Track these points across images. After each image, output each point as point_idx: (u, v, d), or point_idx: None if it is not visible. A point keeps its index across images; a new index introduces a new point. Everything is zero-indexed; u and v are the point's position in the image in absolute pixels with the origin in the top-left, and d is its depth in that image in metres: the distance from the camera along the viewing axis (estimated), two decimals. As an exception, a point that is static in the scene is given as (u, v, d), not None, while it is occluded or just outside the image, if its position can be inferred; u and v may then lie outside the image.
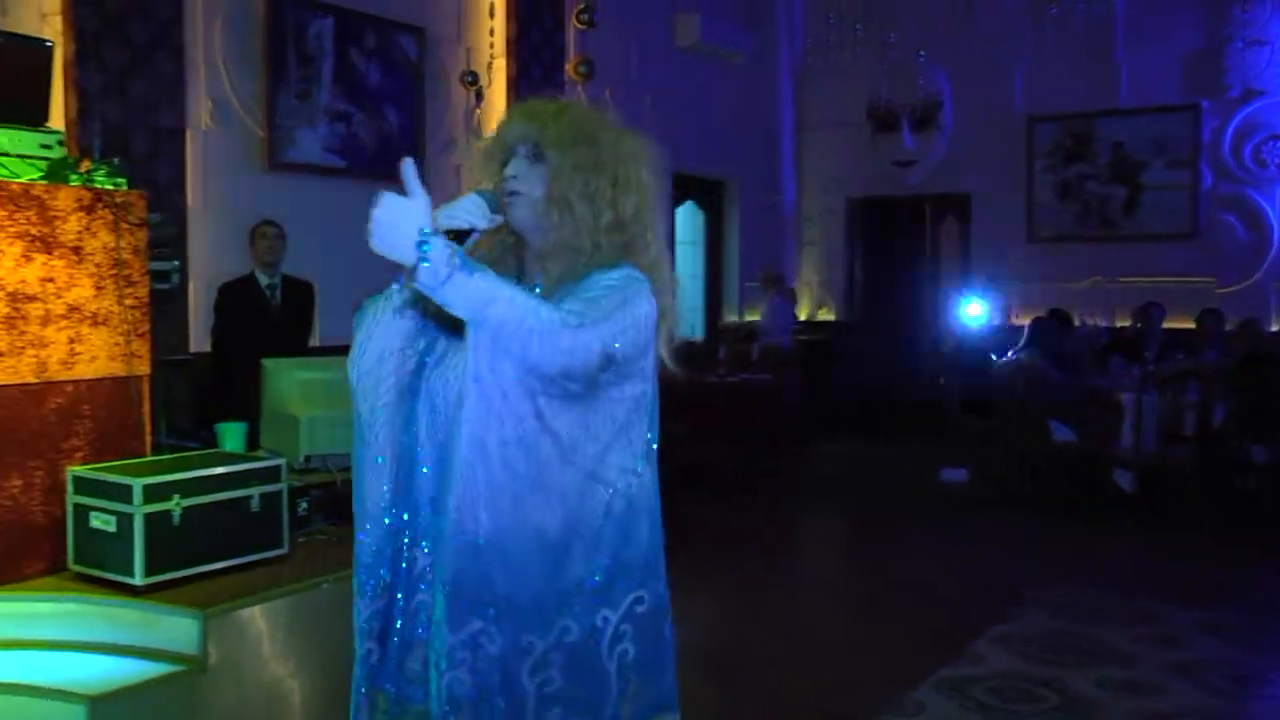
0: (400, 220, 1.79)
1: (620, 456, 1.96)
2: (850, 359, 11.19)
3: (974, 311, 10.80)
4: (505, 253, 2.07)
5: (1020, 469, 7.96)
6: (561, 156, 1.96)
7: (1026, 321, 9.78)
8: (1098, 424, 7.75)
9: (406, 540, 2.07)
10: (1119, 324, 10.53)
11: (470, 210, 1.98)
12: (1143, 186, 10.86)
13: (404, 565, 2.08)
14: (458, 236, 1.96)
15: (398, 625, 2.08)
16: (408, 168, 1.84)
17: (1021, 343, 8.34)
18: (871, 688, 4.38)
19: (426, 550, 2.05)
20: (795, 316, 11.15)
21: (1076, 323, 9.96)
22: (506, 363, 1.83)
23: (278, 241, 6.30)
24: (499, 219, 2.01)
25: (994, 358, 8.62)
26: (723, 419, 8.13)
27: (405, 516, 2.07)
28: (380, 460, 2.06)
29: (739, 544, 6.57)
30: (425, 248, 1.76)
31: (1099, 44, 10.77)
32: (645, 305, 1.94)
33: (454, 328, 2.00)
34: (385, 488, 2.06)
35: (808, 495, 8.27)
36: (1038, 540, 6.82)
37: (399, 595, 2.08)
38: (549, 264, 1.99)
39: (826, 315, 12.73)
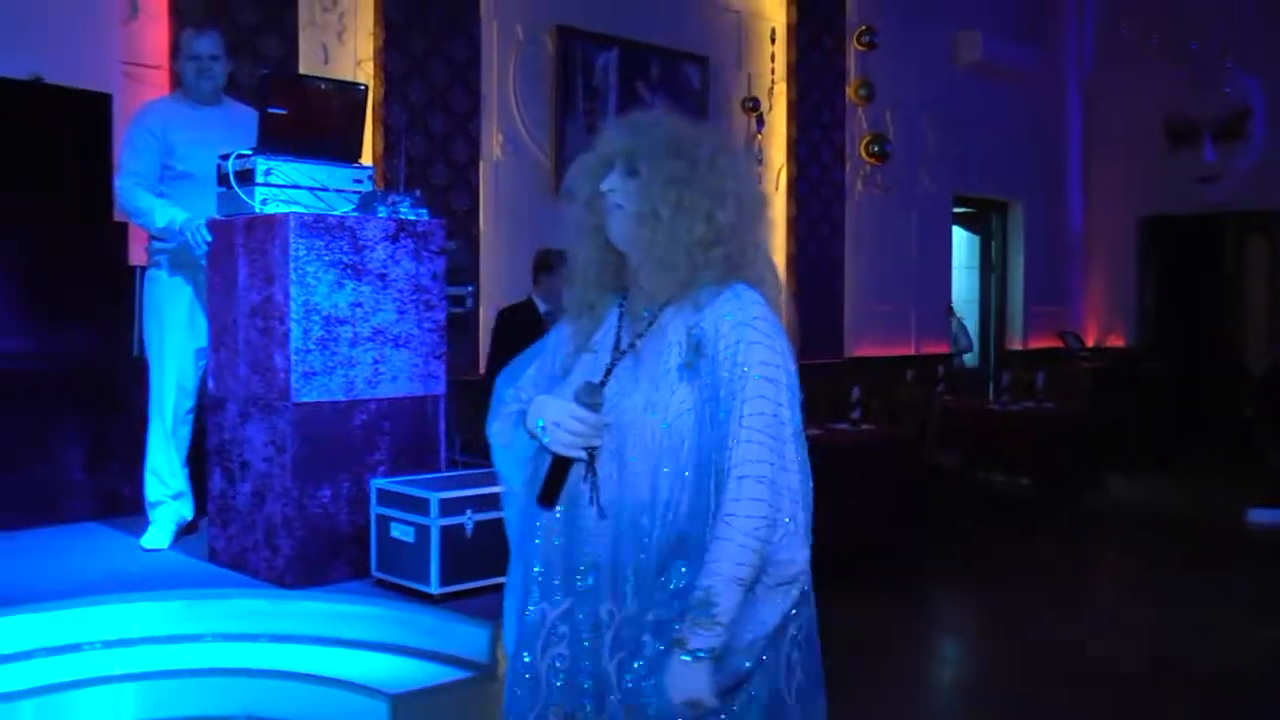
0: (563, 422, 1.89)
1: None
2: (1142, 387, 10.58)
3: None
4: (608, 272, 2.01)
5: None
6: (653, 170, 1.90)
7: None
8: None
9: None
10: None
11: (576, 430, 1.87)
12: None
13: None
14: (563, 464, 1.89)
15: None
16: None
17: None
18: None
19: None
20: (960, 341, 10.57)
21: None
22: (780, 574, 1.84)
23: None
24: (606, 420, 1.88)
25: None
26: (1006, 447, 7.85)
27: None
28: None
29: (1020, 579, 6.29)
30: None
31: None
32: (780, 337, 1.90)
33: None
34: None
35: (1098, 530, 7.83)
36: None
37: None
38: (644, 280, 1.93)
39: (1115, 341, 12.10)
